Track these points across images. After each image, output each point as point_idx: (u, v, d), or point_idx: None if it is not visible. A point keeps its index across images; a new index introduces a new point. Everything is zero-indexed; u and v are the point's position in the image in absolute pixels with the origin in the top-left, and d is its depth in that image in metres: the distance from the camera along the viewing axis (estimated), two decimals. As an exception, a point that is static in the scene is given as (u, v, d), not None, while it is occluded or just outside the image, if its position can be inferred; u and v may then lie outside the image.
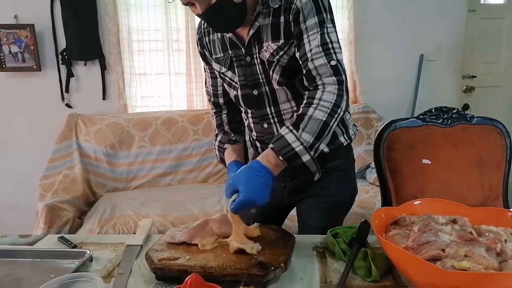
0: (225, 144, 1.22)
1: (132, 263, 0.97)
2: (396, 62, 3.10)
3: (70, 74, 2.72)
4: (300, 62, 1.04)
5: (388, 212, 0.98)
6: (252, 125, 1.22)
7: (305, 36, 1.01)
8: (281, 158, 0.95)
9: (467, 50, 3.21)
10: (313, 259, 0.98)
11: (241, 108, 1.22)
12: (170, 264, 0.87)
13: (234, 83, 1.17)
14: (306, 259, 0.97)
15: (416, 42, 3.08)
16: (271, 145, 0.97)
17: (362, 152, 2.75)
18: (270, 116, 1.16)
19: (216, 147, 1.25)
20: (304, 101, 1.01)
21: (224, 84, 1.21)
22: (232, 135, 1.24)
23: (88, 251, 0.98)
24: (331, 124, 0.97)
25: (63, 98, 2.74)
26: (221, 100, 1.28)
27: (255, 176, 0.93)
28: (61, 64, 2.70)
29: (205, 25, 1.19)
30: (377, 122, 2.86)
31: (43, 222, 2.12)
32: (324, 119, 0.96)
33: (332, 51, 1.01)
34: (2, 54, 2.61)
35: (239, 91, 1.16)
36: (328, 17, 1.02)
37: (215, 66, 1.19)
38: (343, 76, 1.00)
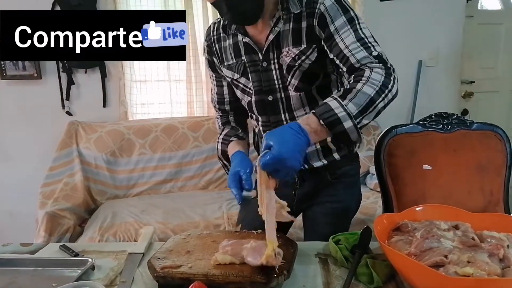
0: (232, 137, 1.21)
1: (135, 271, 0.97)
2: (395, 68, 3.11)
3: (70, 82, 2.73)
4: (338, 62, 1.02)
5: (390, 218, 0.99)
6: (263, 133, 1.21)
7: (336, 36, 1.00)
8: (322, 122, 0.90)
9: (465, 55, 3.23)
10: (316, 266, 0.98)
11: (252, 115, 1.23)
12: (172, 272, 0.87)
13: (248, 89, 1.17)
14: (308, 266, 0.97)
15: (414, 48, 3.10)
16: (313, 111, 0.93)
17: (362, 158, 2.75)
18: (285, 122, 1.15)
19: (220, 140, 1.23)
20: (351, 80, 0.97)
21: (237, 91, 1.21)
22: (240, 130, 1.25)
23: (90, 260, 0.98)
24: (377, 102, 0.93)
25: (63, 106, 2.75)
26: (227, 107, 1.28)
27: (291, 135, 0.87)
28: (62, 72, 2.71)
29: (215, 31, 1.18)
30: (376, 129, 2.87)
31: (43, 230, 2.11)
32: (372, 95, 0.92)
33: (369, 44, 0.99)
34: (2, 63, 2.61)
35: (253, 97, 1.16)
36: (355, 14, 1.02)
37: (227, 73, 1.19)
38: (389, 63, 0.99)
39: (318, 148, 1.17)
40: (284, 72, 1.09)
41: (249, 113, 1.25)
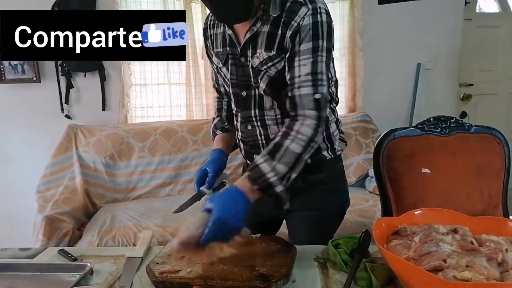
0: (218, 130, 1.29)
1: (133, 276, 0.96)
2: (393, 71, 3.12)
3: (69, 86, 2.73)
4: (288, 83, 1.05)
5: (389, 222, 0.99)
6: (238, 124, 1.23)
7: (296, 59, 1.02)
8: (256, 187, 0.97)
9: (463, 58, 3.24)
10: (315, 270, 0.98)
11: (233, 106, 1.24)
12: (171, 277, 0.87)
13: (227, 79, 1.18)
14: (307, 270, 0.97)
15: (413, 51, 3.11)
16: (247, 173, 0.99)
17: (361, 161, 2.76)
18: (254, 118, 1.16)
19: (211, 129, 1.33)
20: (282, 130, 1.03)
21: (220, 79, 1.23)
22: (226, 123, 1.29)
23: (88, 264, 0.97)
24: (304, 156, 1.01)
25: (62, 109, 2.75)
26: (222, 89, 1.31)
27: (231, 199, 0.94)
28: (61, 75, 2.70)
29: (212, 17, 1.20)
30: (375, 132, 2.87)
31: (42, 234, 2.11)
32: (299, 152, 0.99)
33: (319, 82, 1.02)
34: (2, 66, 2.61)
35: (230, 88, 1.18)
36: (325, 45, 1.02)
37: (215, 59, 1.21)
38: (323, 113, 1.04)
39: None
40: (255, 73, 1.10)
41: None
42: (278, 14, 1.03)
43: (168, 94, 2.88)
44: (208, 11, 1.19)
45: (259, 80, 1.10)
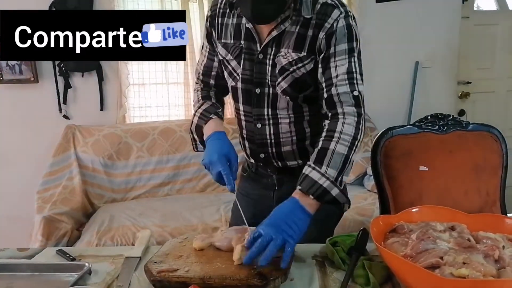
0: (212, 115, 1.16)
1: (131, 275, 0.96)
2: (391, 69, 3.12)
3: (67, 86, 2.72)
4: (323, 85, 1.06)
5: (386, 220, 0.99)
6: (243, 123, 1.20)
7: (332, 60, 1.04)
8: (311, 197, 0.96)
9: (461, 56, 3.25)
10: (313, 269, 0.98)
11: (234, 103, 1.20)
12: (169, 276, 0.87)
13: (235, 74, 1.15)
14: (305, 268, 0.98)
15: (411, 49, 3.11)
16: (298, 187, 0.98)
17: (359, 160, 2.76)
18: (267, 117, 1.14)
19: (198, 114, 1.18)
20: (324, 134, 1.03)
21: (225, 71, 1.19)
22: (220, 110, 1.21)
23: (86, 264, 0.97)
24: (350, 156, 1.00)
25: (60, 110, 2.74)
26: (212, 81, 1.25)
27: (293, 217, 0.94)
28: (59, 75, 2.70)
29: (222, 5, 1.15)
30: (373, 130, 2.87)
31: (40, 235, 2.11)
32: (345, 153, 0.99)
33: (355, 81, 1.04)
34: (-1, 67, 2.61)
35: (239, 83, 1.15)
36: (357, 46, 1.05)
37: (221, 50, 1.17)
38: (362, 109, 1.05)
39: (294, 149, 1.17)
40: (277, 71, 1.09)
41: (232, 101, 1.22)
42: (310, 16, 1.03)
43: (166, 94, 2.88)
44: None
45: (280, 80, 1.09)
